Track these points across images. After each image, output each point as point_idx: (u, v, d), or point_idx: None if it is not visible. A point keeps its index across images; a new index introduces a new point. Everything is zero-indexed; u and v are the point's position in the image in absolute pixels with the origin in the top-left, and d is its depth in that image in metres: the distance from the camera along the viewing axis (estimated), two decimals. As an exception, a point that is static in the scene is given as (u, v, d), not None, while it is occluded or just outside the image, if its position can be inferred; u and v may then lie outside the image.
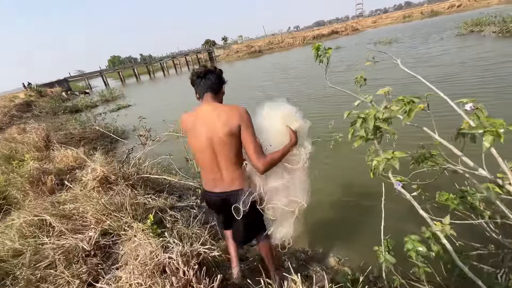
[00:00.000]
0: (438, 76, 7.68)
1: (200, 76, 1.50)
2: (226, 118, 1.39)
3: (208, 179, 1.53)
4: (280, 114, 1.54)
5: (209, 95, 1.50)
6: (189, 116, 1.49)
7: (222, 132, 1.38)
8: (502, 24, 14.30)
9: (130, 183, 2.78)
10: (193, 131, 1.45)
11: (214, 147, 1.42)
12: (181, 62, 46.79)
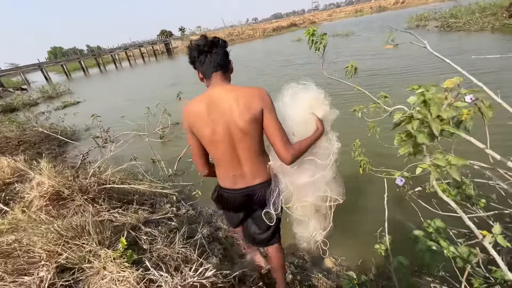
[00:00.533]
0: (396, 68, 8.10)
1: (204, 51, 1.18)
2: (247, 102, 1.15)
3: (226, 176, 1.31)
4: (307, 99, 1.32)
5: (219, 75, 1.22)
6: (195, 104, 1.19)
7: (243, 120, 1.15)
8: (443, 20, 15.83)
9: (89, 196, 2.31)
10: (204, 120, 1.17)
11: (233, 137, 1.19)
12: (135, 54, 43.48)
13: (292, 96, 1.34)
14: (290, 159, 1.17)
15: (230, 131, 1.18)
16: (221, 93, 1.18)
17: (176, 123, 6.90)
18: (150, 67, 28.56)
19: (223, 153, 1.24)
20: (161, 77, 17.30)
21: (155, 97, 10.84)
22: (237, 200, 1.35)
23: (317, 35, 1.65)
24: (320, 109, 1.32)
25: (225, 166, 1.29)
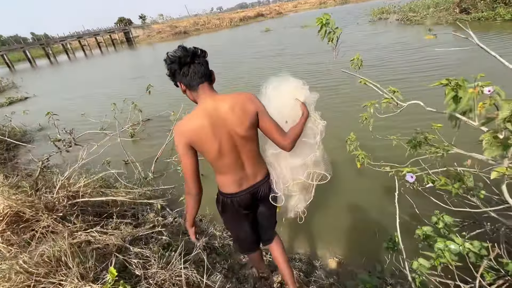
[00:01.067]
0: (368, 60, 8.34)
1: (186, 62, 1.15)
2: (242, 110, 1.19)
3: (231, 182, 1.33)
4: (288, 87, 1.46)
5: (206, 86, 1.20)
6: (194, 121, 1.17)
7: (243, 128, 1.20)
8: (402, 13, 16.73)
9: (59, 215, 1.93)
10: (209, 136, 1.17)
11: (236, 146, 1.24)
12: (90, 43, 39.73)
13: (275, 88, 1.45)
14: (290, 146, 1.28)
15: (234, 140, 1.22)
16: (216, 105, 1.18)
17: (147, 119, 6.37)
18: (109, 58, 26.28)
19: (229, 162, 1.27)
20: (123, 69, 15.97)
21: (119, 91, 9.96)
22: (243, 201, 1.38)
23: (331, 25, 1.47)
24: (301, 94, 1.43)
25: (230, 173, 1.31)
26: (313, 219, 2.76)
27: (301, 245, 2.49)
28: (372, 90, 1.87)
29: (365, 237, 2.49)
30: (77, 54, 35.17)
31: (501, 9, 11.75)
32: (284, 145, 1.27)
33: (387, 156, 3.23)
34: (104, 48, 37.41)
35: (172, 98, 7.81)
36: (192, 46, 1.19)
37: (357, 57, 1.90)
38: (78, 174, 2.58)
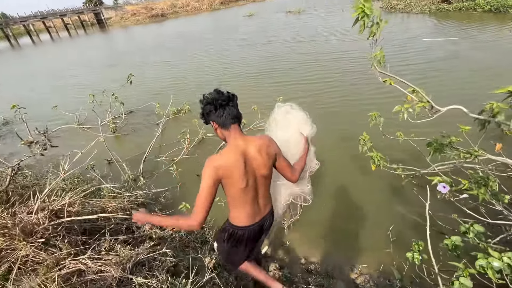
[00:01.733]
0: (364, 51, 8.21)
1: (222, 105, 1.27)
2: (267, 153, 1.34)
3: (247, 215, 1.42)
4: (295, 120, 1.68)
5: (237, 127, 1.33)
6: (229, 158, 1.26)
7: (266, 169, 1.36)
8: (386, 1, 16.74)
9: (40, 240, 1.61)
10: (241, 172, 1.27)
11: (257, 183, 1.37)
12: (56, 24, 36.45)
13: (284, 119, 1.68)
14: (297, 179, 1.50)
15: (256, 178, 1.36)
16: (246, 145, 1.30)
17: (129, 112, 5.86)
18: (79, 42, 24.19)
19: (250, 197, 1.36)
20: (96, 55, 14.74)
21: (93, 81, 9.16)
22: (253, 233, 1.47)
23: (374, 15, 1.23)
24: (306, 128, 1.66)
25: (248, 207, 1.39)
26: (324, 225, 2.62)
27: (315, 254, 2.34)
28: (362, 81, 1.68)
29: (378, 241, 2.38)
30: (42, 37, 32.08)
31: (480, 0, 12.03)
32: (293, 179, 1.48)
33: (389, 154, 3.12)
34: (72, 30, 34.43)
35: (153, 90, 7.28)
36: (226, 90, 1.31)
37: (381, 53, 1.68)
38: (60, 188, 2.21)
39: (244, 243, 1.49)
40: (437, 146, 1.99)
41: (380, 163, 2.32)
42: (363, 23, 1.27)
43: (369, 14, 1.24)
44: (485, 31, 8.56)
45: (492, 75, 5.24)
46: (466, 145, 2.12)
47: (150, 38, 18.11)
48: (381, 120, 2.65)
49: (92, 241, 1.84)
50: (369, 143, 2.50)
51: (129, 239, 2.04)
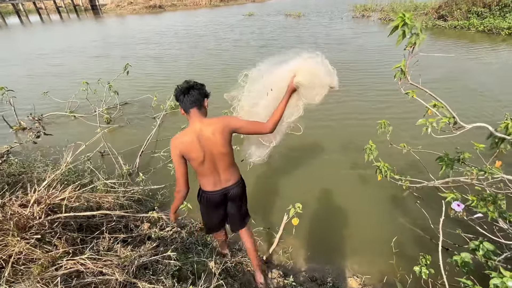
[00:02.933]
0: (371, 63, 8.29)
1: (183, 92, 1.55)
2: (220, 133, 1.54)
3: (208, 182, 1.69)
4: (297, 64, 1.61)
5: (195, 111, 1.57)
6: (185, 137, 1.55)
7: (220, 146, 1.56)
8: (385, 13, 17.07)
9: (35, 236, 1.49)
10: (195, 148, 1.53)
11: (214, 158, 1.60)
12: (48, 7, 35.07)
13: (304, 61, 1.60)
14: (271, 130, 1.62)
15: (213, 154, 1.59)
16: (201, 128, 1.54)
17: (124, 103, 5.66)
18: (71, 26, 23.32)
19: (208, 168, 1.63)
20: (87, 42, 14.24)
21: (86, 67, 8.82)
22: (216, 198, 1.74)
23: (412, 25, 1.19)
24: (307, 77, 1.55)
25: (208, 176, 1.67)
26: (326, 234, 2.59)
27: (319, 262, 2.30)
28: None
29: (381, 252, 2.37)
30: (32, 18, 30.79)
31: (474, 20, 12.45)
32: (266, 131, 1.62)
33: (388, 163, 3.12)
34: (64, 14, 33.20)
35: (147, 83, 7.08)
36: (192, 80, 1.60)
37: (403, 64, 1.66)
38: (58, 180, 2.06)
39: (211, 206, 1.78)
40: (448, 162, 1.99)
41: (387, 173, 2.31)
42: (402, 33, 1.23)
43: (409, 24, 1.20)
44: (480, 51, 8.86)
45: (489, 96, 5.40)
46: (471, 161, 2.14)
47: (145, 30, 17.67)
48: (390, 129, 2.65)
49: (89, 239, 1.72)
50: (375, 151, 2.49)
51: (128, 238, 1.93)
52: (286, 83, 1.60)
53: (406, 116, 4.53)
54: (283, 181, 3.31)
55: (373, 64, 7.72)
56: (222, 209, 1.83)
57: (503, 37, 10.60)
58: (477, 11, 13.18)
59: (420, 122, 1.72)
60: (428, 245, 2.40)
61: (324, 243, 2.49)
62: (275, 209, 2.88)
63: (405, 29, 1.23)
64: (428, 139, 2.74)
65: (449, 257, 1.74)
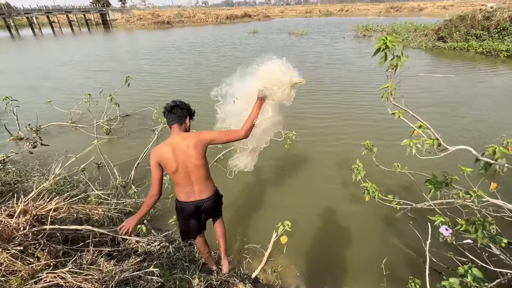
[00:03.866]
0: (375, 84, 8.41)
1: (168, 110, 1.75)
2: (194, 147, 1.70)
3: (182, 192, 1.81)
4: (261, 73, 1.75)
5: (176, 126, 1.76)
6: (163, 148, 1.71)
7: (195, 158, 1.71)
8: (385, 34, 17.48)
9: (17, 247, 1.49)
10: (170, 159, 1.68)
11: (188, 169, 1.74)
12: (60, 20, 36.52)
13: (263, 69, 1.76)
14: (245, 136, 1.74)
15: (186, 166, 1.72)
16: (178, 141, 1.71)
17: (125, 114, 5.76)
18: (82, 39, 24.15)
19: (182, 179, 1.76)
20: (97, 55, 14.68)
21: (91, 79, 9.07)
22: (190, 209, 1.85)
23: (393, 48, 1.24)
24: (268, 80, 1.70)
25: (182, 186, 1.79)
26: (316, 255, 2.54)
27: (306, 285, 2.25)
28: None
29: (372, 275, 2.31)
30: (45, 30, 32.01)
31: (473, 42, 12.69)
32: (240, 137, 1.74)
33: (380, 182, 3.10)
34: (76, 27, 34.54)
35: (145, 99, 7.24)
36: (179, 100, 1.80)
37: (392, 85, 1.69)
38: (46, 190, 2.09)
39: (184, 216, 1.89)
40: (437, 185, 1.98)
41: (374, 194, 2.29)
42: (384, 55, 1.27)
43: (390, 47, 1.25)
44: (481, 72, 8.97)
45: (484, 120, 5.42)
46: (461, 183, 2.12)
47: (152, 45, 18.22)
48: (375, 150, 2.65)
49: (73, 252, 1.72)
50: (362, 171, 2.48)
51: (113, 252, 1.92)
52: (253, 89, 1.75)
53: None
54: (273, 197, 3.29)
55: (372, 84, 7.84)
56: (197, 218, 1.91)
57: (502, 59, 10.75)
58: (476, 34, 13.45)
59: (404, 142, 1.74)
60: (420, 268, 2.34)
61: (314, 263, 2.44)
62: (264, 226, 2.85)
63: (386, 52, 1.28)
64: (423, 162, 2.74)
65: (441, 281, 1.70)
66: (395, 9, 48.08)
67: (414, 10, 45.23)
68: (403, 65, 1.33)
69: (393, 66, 1.29)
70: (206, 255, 2.14)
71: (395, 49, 1.28)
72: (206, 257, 2.16)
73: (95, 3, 41.27)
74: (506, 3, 16.27)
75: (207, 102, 2.66)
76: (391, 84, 1.71)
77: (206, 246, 2.13)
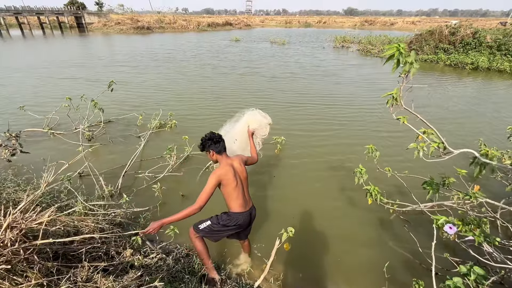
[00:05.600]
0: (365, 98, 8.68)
1: (217, 141, 2.07)
2: (243, 164, 2.16)
3: (240, 204, 2.04)
4: (246, 119, 2.61)
5: (225, 153, 2.13)
6: (225, 168, 2.00)
7: (245, 172, 2.15)
8: (362, 45, 18.41)
9: (4, 266, 1.33)
10: (232, 177, 2.00)
11: (242, 183, 2.10)
12: (31, 22, 34.57)
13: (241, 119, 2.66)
14: (257, 160, 2.42)
15: (242, 180, 2.09)
16: (233, 162, 2.09)
17: (108, 120, 5.49)
18: (53, 43, 22.88)
19: (240, 192, 2.04)
20: (71, 59, 13.99)
21: (71, 85, 8.58)
22: (246, 218, 2.09)
23: (406, 54, 1.28)
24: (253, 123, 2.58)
25: (239, 199, 2.04)
26: (316, 260, 2.53)
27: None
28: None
29: (374, 278, 2.33)
30: (13, 32, 30.08)
31: (442, 55, 13.69)
32: (255, 161, 2.38)
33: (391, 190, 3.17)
34: (48, 30, 32.85)
35: (127, 102, 7.00)
36: (217, 133, 2.16)
37: (396, 91, 1.75)
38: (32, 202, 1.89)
39: (240, 227, 2.09)
40: (435, 187, 2.06)
41: (377, 197, 2.34)
42: (397, 62, 1.31)
43: (404, 53, 1.29)
44: (448, 83, 9.64)
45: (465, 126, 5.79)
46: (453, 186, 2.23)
47: (131, 51, 17.72)
48: (377, 154, 2.73)
49: (66, 269, 1.57)
50: (365, 175, 2.54)
51: (109, 267, 1.78)
52: (245, 131, 2.57)
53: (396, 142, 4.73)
54: (267, 204, 3.26)
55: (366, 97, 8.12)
56: (248, 224, 2.17)
57: (468, 71, 11.66)
58: (443, 47, 14.54)
59: (411, 146, 1.80)
60: (418, 270, 2.41)
61: (316, 269, 2.42)
62: (262, 233, 2.80)
63: (400, 58, 1.31)
64: (419, 162, 2.84)
65: (440, 282, 1.75)
66: (369, 22, 50.85)
67: (386, 24, 48.09)
68: (414, 73, 1.37)
69: (405, 72, 1.33)
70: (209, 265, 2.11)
71: (408, 56, 1.32)
72: (209, 267, 2.10)
73: (69, 6, 39.54)
74: (468, 21, 17.80)
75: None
76: (397, 91, 1.77)
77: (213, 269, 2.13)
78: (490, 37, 13.97)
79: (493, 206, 2.70)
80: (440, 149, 1.56)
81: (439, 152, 1.60)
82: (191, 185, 3.49)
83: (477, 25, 18.80)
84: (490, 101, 7.53)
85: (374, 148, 2.70)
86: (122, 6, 47.83)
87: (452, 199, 2.07)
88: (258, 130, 2.62)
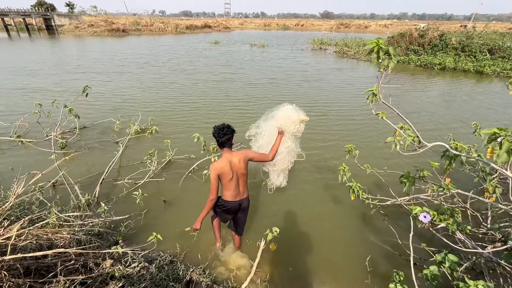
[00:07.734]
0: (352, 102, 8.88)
1: (224, 134, 2.17)
2: (243, 161, 2.24)
3: (232, 194, 2.28)
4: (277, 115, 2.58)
5: (228, 147, 2.23)
6: (222, 162, 2.17)
7: (243, 169, 2.25)
8: (339, 47, 19.01)
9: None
10: (228, 171, 2.18)
11: (238, 177, 2.25)
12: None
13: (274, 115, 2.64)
14: (271, 159, 2.40)
15: (238, 175, 2.24)
16: (232, 157, 2.21)
17: (83, 126, 5.24)
18: (18, 46, 21.60)
19: (234, 184, 2.24)
20: (40, 63, 13.26)
21: (35, 88, 8.11)
22: (235, 206, 2.32)
23: (385, 49, 1.34)
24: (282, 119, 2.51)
25: (232, 190, 2.26)
26: (301, 259, 2.56)
27: (297, 285, 2.23)
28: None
29: (357, 272, 2.40)
30: (-27, 34, 27.97)
31: (413, 56, 14.45)
32: (268, 160, 2.39)
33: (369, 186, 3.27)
34: (14, 32, 30.92)
35: (104, 107, 6.75)
36: (227, 125, 2.21)
37: (376, 89, 1.83)
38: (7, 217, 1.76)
39: (228, 212, 2.35)
40: (411, 179, 2.16)
41: (359, 193, 2.42)
42: (377, 56, 1.36)
43: (383, 48, 1.34)
44: (419, 82, 10.17)
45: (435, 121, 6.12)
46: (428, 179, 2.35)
47: (103, 54, 17.09)
48: (357, 153, 2.82)
49: (39, 285, 1.47)
50: (348, 173, 2.61)
51: (87, 280, 1.69)
52: (273, 127, 2.54)
53: (373, 141, 4.90)
54: (253, 204, 3.26)
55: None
56: (233, 215, 2.42)
57: (437, 71, 12.38)
58: (414, 49, 15.36)
59: (389, 139, 1.88)
60: (398, 261, 2.50)
61: (302, 268, 2.44)
62: (245, 234, 2.79)
63: (380, 53, 1.37)
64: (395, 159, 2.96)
65: (418, 272, 1.83)
66: (344, 25, 52.60)
67: (361, 27, 49.99)
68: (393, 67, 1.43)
69: (382, 67, 1.39)
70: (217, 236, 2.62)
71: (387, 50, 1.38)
72: (217, 238, 2.62)
73: (37, 7, 37.43)
74: (435, 24, 18.91)
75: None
76: (375, 88, 1.84)
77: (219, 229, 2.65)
78: (455, 39, 14.94)
79: (463, 197, 2.88)
80: (415, 143, 1.65)
81: (415, 146, 1.68)
82: (174, 191, 3.40)
83: (443, 28, 20.09)
84: (459, 100, 8.04)
85: (354, 147, 2.79)
86: (95, 7, 45.96)
87: (426, 191, 2.19)
88: (287, 127, 2.47)
